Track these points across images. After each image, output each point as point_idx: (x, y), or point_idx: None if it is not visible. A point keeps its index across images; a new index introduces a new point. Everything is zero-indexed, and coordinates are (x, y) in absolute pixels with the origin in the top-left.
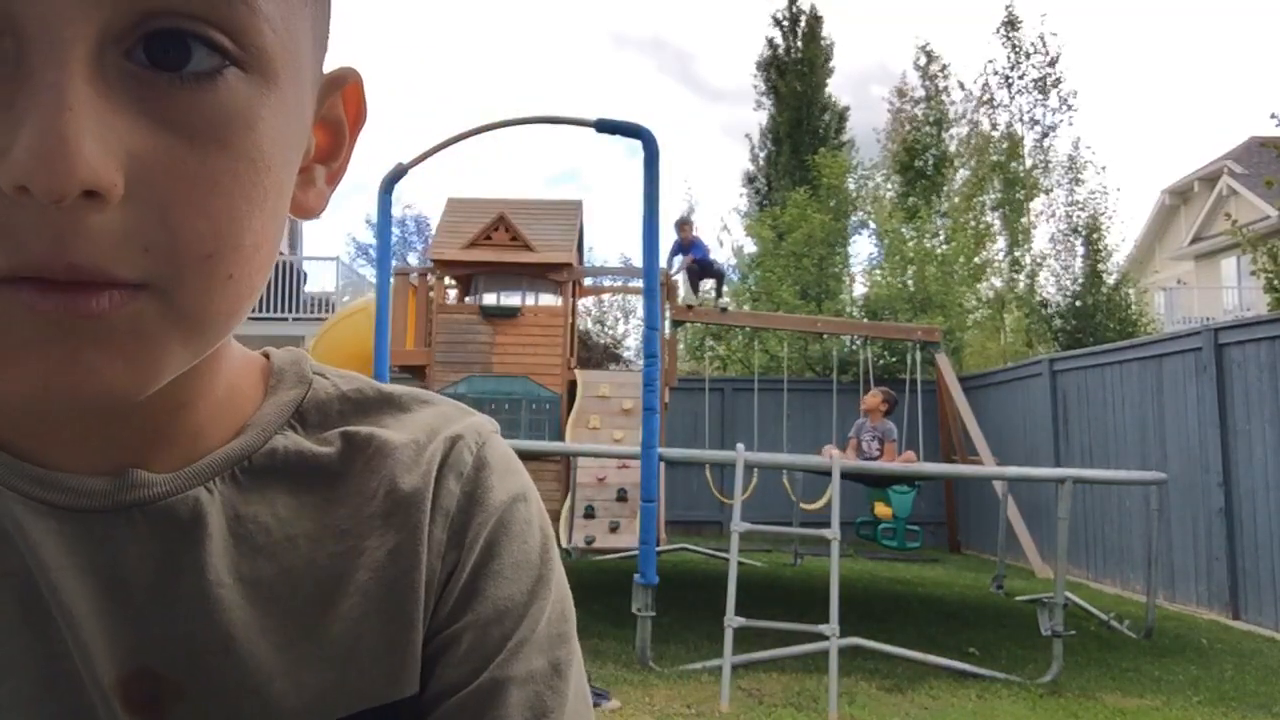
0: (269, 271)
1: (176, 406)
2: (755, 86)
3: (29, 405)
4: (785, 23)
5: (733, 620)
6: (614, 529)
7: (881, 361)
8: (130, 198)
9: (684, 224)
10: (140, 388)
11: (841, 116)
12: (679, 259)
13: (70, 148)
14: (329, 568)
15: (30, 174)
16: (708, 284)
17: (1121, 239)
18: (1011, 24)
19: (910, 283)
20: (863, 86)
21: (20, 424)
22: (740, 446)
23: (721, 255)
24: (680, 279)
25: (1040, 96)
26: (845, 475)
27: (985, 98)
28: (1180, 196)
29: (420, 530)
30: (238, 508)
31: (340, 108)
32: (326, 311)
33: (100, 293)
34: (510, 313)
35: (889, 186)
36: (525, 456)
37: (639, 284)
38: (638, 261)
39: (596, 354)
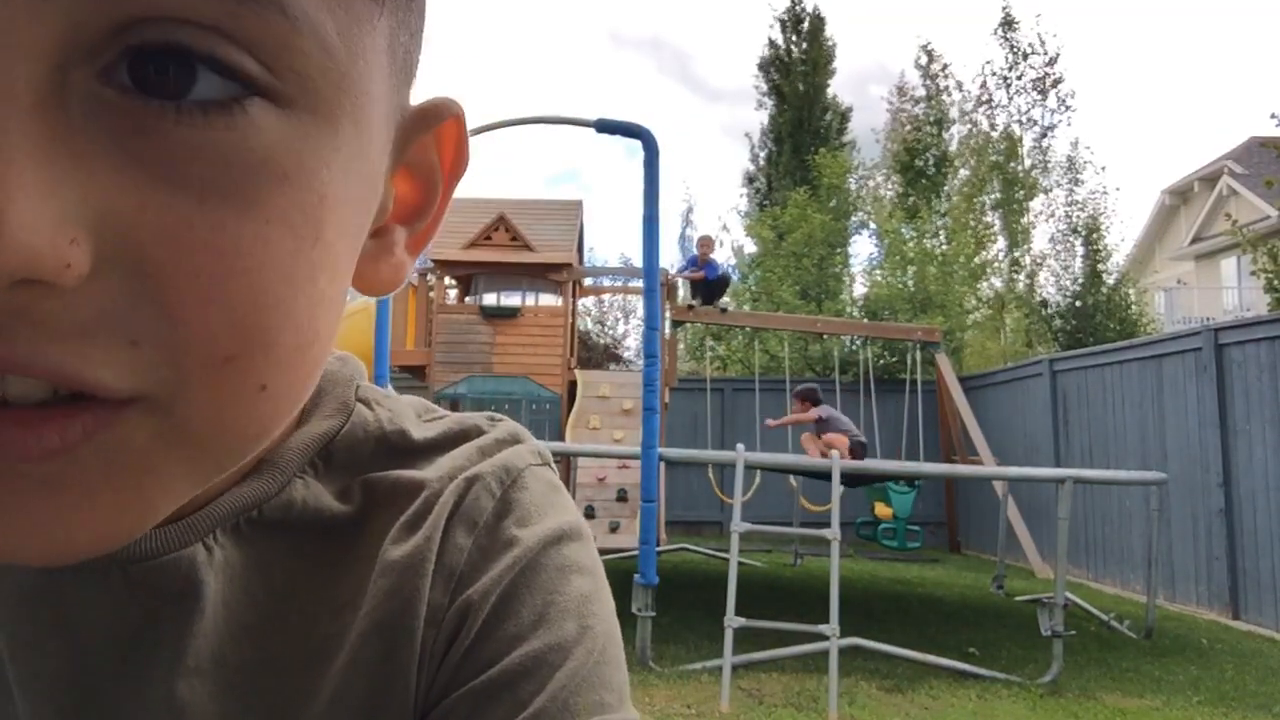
0: (319, 374)
1: None
2: (756, 86)
3: None
4: (787, 23)
5: (733, 620)
6: (614, 529)
7: (881, 361)
8: (105, 272)
9: (706, 242)
10: (117, 539)
11: (844, 117)
12: (688, 271)
13: None
14: (318, 650)
15: None
16: (723, 300)
17: (1121, 239)
18: (1009, 24)
19: (910, 283)
20: (861, 86)
21: None
22: (740, 447)
23: (721, 255)
24: (681, 280)
25: (1039, 97)
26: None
27: (984, 98)
28: (1180, 196)
29: (416, 598)
30: (236, 573)
31: (432, 151)
32: None
33: (50, 420)
34: (510, 313)
35: (889, 186)
36: None
37: (639, 284)
38: (638, 261)
39: (596, 354)
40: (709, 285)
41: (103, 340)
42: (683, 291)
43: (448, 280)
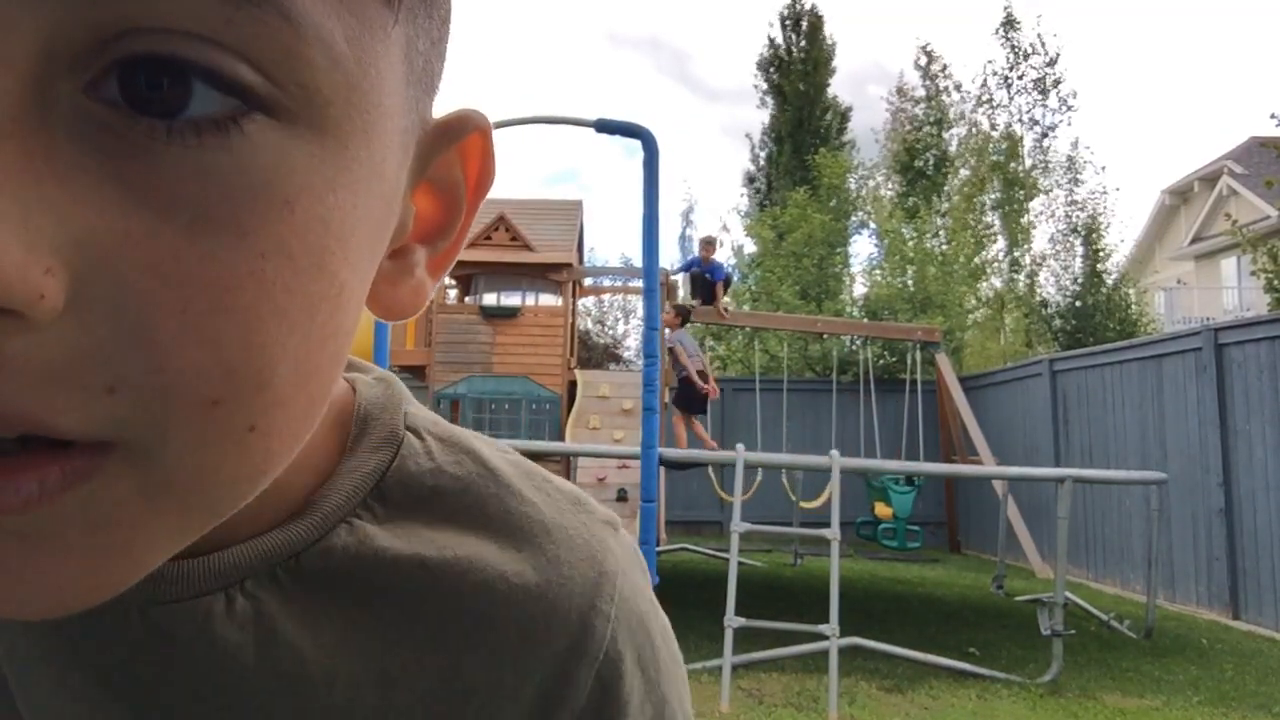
0: (319, 412)
1: None
2: (756, 86)
3: None
4: (787, 22)
5: (733, 620)
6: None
7: (881, 361)
8: (80, 308)
9: (709, 244)
10: (105, 592)
11: (844, 117)
12: (689, 271)
13: None
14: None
15: None
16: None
17: (1121, 239)
18: (1010, 24)
19: (910, 283)
20: (860, 86)
21: None
22: (740, 446)
23: (722, 255)
24: (680, 279)
25: (1039, 97)
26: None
27: (984, 98)
28: (1180, 196)
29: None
30: (272, 623)
31: (456, 167)
32: None
33: (25, 470)
34: (510, 313)
35: (889, 186)
36: (525, 456)
37: (639, 284)
38: (638, 261)
39: (596, 354)
40: (711, 285)
41: (76, 384)
42: (683, 291)
43: (448, 280)
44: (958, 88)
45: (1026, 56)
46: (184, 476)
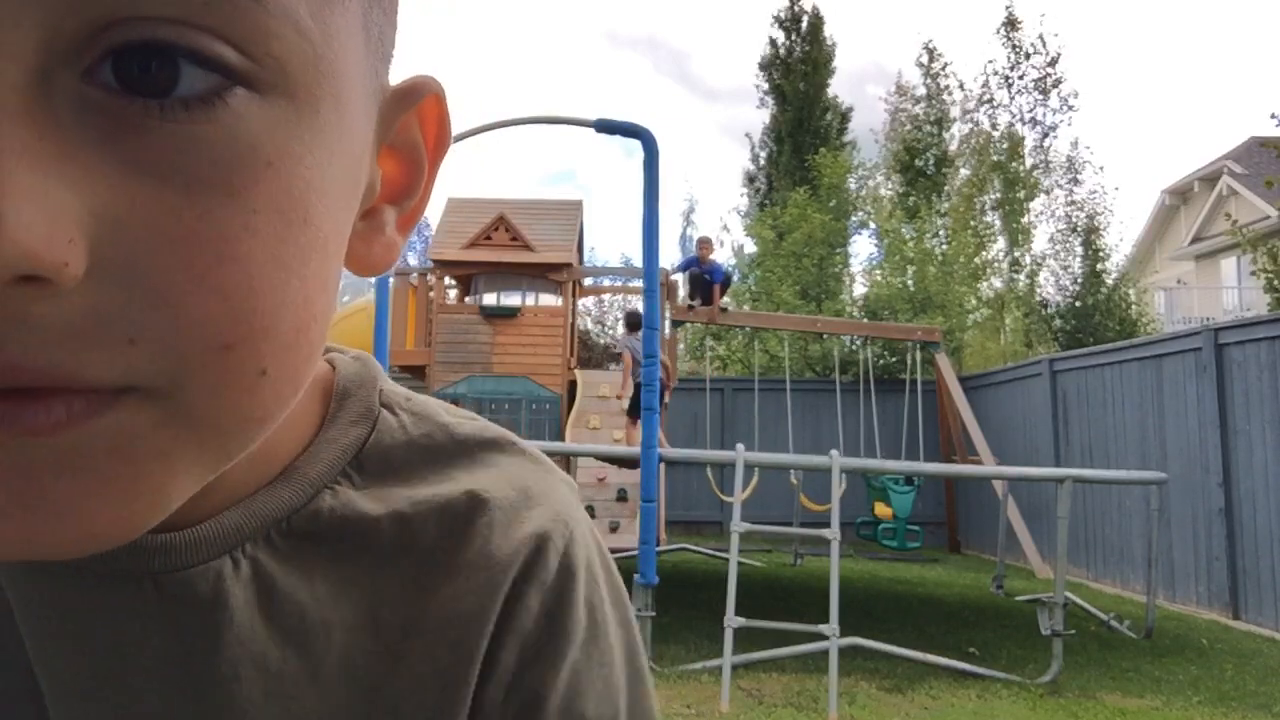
0: (319, 356)
1: None
2: (757, 86)
3: None
4: (788, 22)
5: (733, 620)
6: (614, 529)
7: (881, 361)
8: (99, 273)
9: (705, 243)
10: (134, 527)
11: (844, 117)
12: (688, 271)
13: None
14: (364, 669)
15: None
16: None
17: (1121, 239)
18: (1012, 24)
19: (910, 283)
20: (859, 86)
21: None
22: (740, 447)
23: (722, 255)
24: (680, 279)
25: (1040, 97)
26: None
27: (985, 97)
28: (1180, 196)
29: (475, 651)
30: (271, 581)
31: (415, 129)
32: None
33: (54, 396)
34: (510, 313)
35: (889, 185)
36: None
37: (639, 284)
38: (637, 261)
39: (596, 354)
40: (710, 285)
41: (99, 339)
42: (683, 291)
43: (448, 280)
44: (960, 86)
45: (1028, 56)
46: (201, 415)
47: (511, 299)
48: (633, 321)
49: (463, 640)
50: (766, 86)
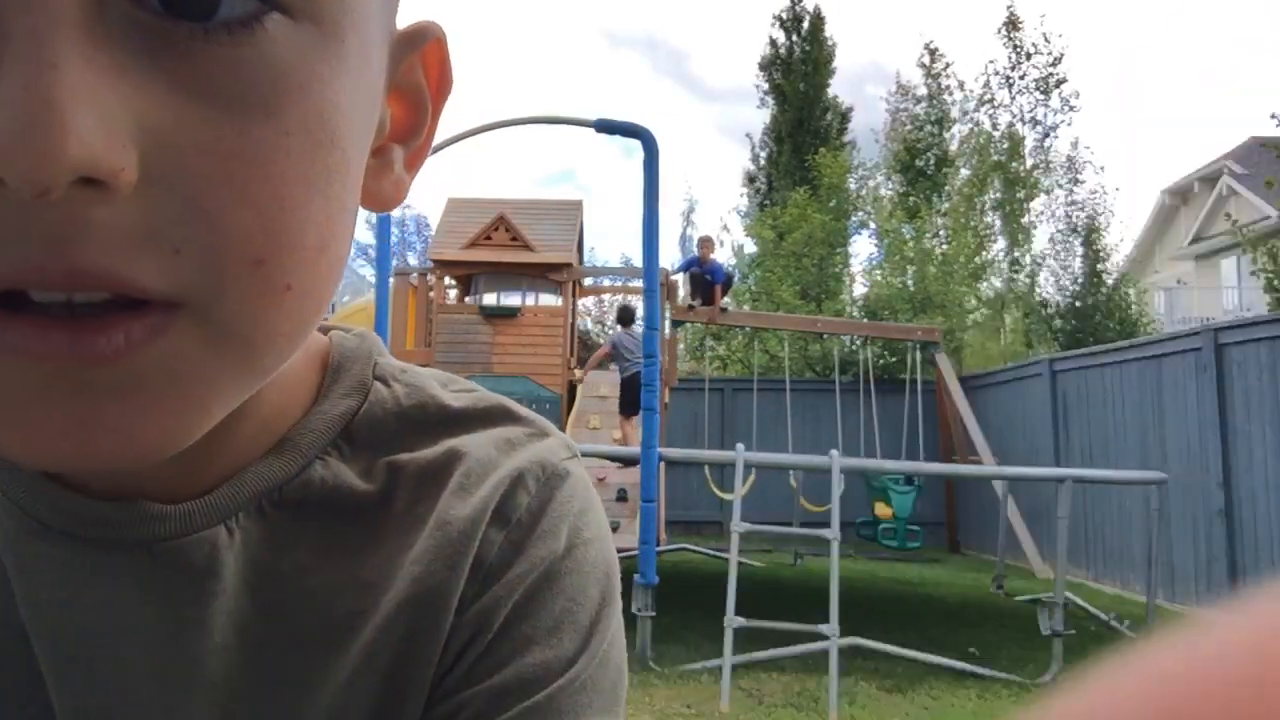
0: (340, 276)
1: (217, 428)
2: (758, 86)
3: (34, 467)
4: (789, 22)
5: (733, 620)
6: (614, 529)
7: (881, 361)
8: (149, 184)
9: (706, 243)
10: (180, 441)
11: (844, 117)
12: (689, 271)
13: (54, 118)
14: (342, 628)
15: (4, 158)
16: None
17: (1121, 239)
18: (1013, 24)
19: (910, 283)
20: (858, 86)
21: None
22: (740, 447)
23: (722, 255)
24: (681, 279)
25: (1041, 97)
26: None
27: (986, 97)
28: (1180, 196)
29: (448, 590)
30: (259, 552)
31: (419, 72)
32: (326, 312)
33: (115, 325)
34: (510, 313)
35: (889, 185)
36: None
37: (639, 284)
38: (637, 261)
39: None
40: (710, 285)
41: (152, 247)
42: (683, 291)
43: (448, 280)
44: (961, 86)
45: (1029, 56)
46: (238, 331)
47: (511, 299)
48: (624, 317)
49: (437, 589)
50: (766, 86)
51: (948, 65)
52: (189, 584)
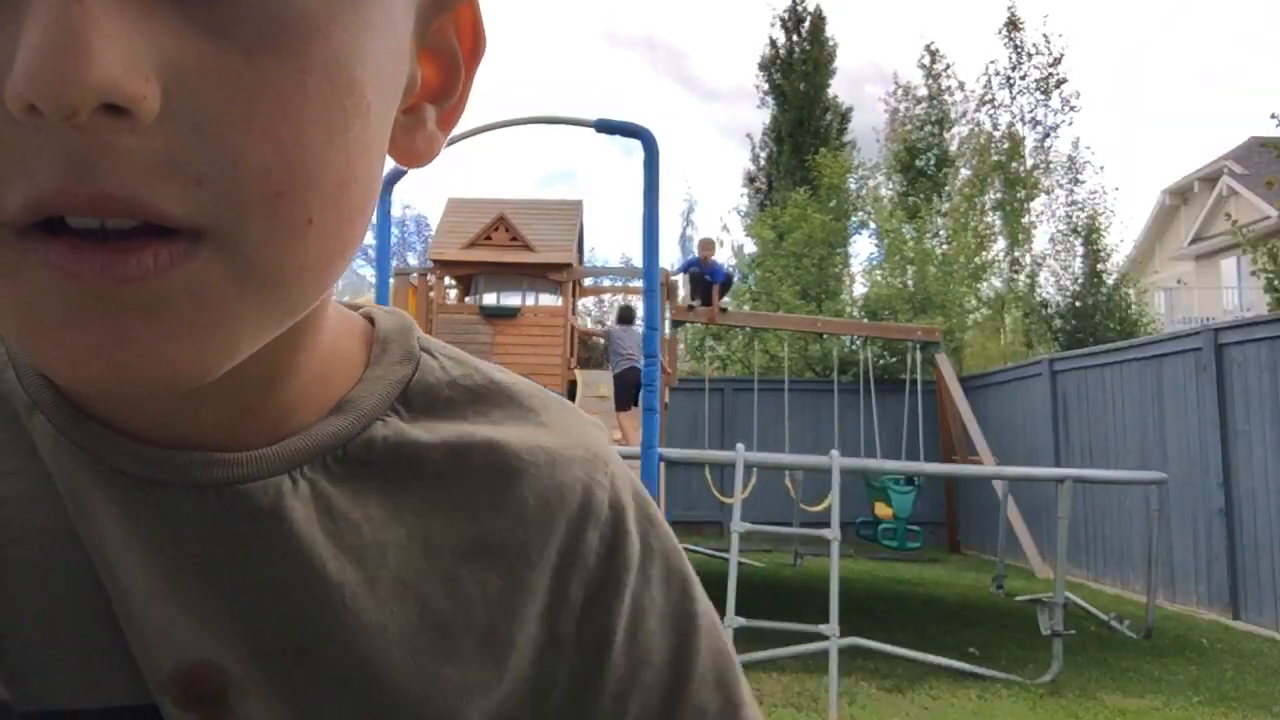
0: (366, 220)
1: (266, 381)
2: (758, 86)
3: (73, 388)
4: (789, 22)
5: (733, 620)
6: None
7: (881, 361)
8: (171, 117)
9: (707, 244)
10: (209, 368)
11: (844, 117)
12: (689, 272)
13: (79, 45)
14: (415, 587)
15: (33, 83)
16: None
17: (1121, 239)
18: (1013, 25)
19: (910, 283)
20: (858, 86)
21: None
22: (740, 447)
23: (722, 255)
24: (681, 279)
25: (1042, 97)
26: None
27: (986, 97)
28: (1180, 196)
29: (524, 586)
30: (328, 500)
31: (451, 34)
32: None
33: (143, 248)
34: (510, 313)
35: (889, 185)
36: None
37: (639, 284)
38: (637, 261)
39: (596, 354)
40: (710, 286)
41: (174, 176)
42: (683, 292)
43: (448, 280)
44: (961, 87)
45: (1030, 56)
46: (260, 262)
47: (511, 299)
48: (624, 316)
49: (512, 571)
50: (766, 86)
51: (948, 66)
52: (257, 526)
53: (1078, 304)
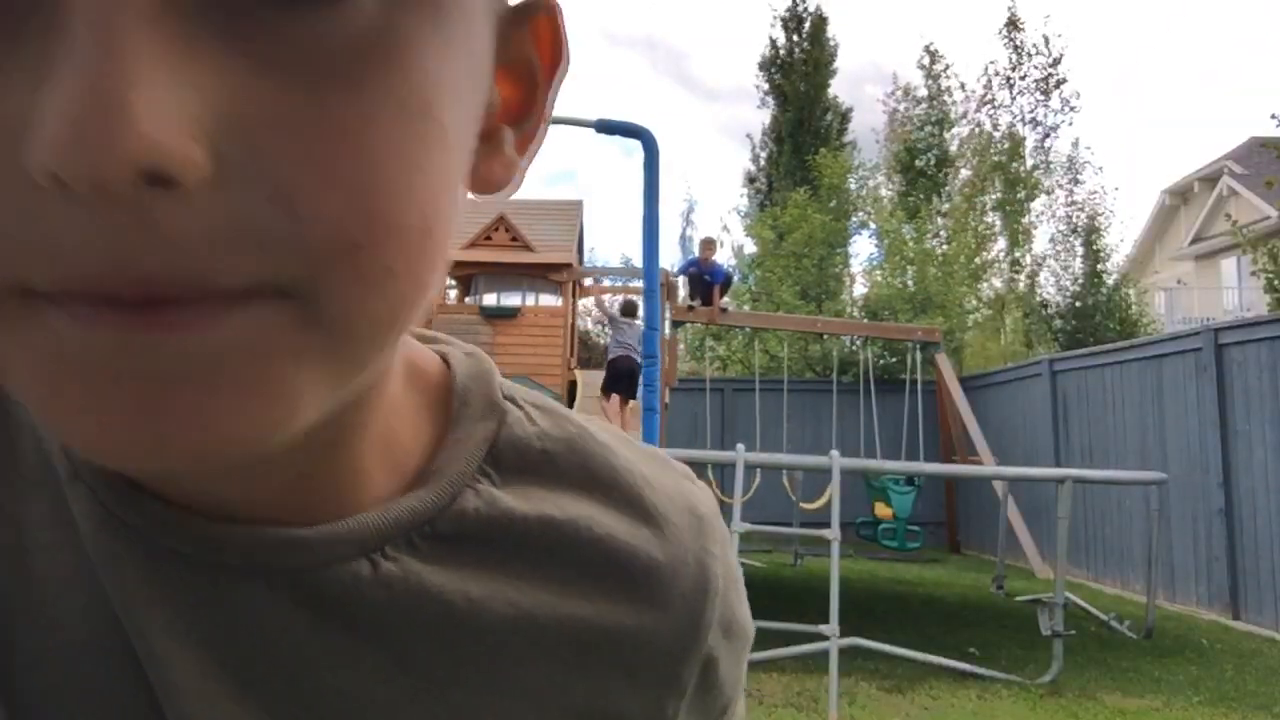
0: (446, 262)
1: (328, 444)
2: (757, 86)
3: (113, 465)
4: (790, 22)
5: None
6: None
7: (881, 361)
8: (225, 178)
9: (708, 244)
10: (270, 436)
11: (844, 117)
12: (688, 272)
13: (115, 108)
14: (509, 659)
15: (59, 152)
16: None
17: (1121, 239)
18: (1014, 25)
19: (910, 283)
20: (858, 86)
21: None
22: (740, 447)
23: (722, 255)
24: (681, 280)
25: (1042, 97)
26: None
27: (986, 98)
28: (1180, 196)
29: (674, 683)
30: (419, 582)
31: (530, 47)
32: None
33: (190, 304)
34: (510, 313)
35: (889, 185)
36: None
37: (639, 284)
38: (637, 261)
39: (596, 354)
40: (710, 286)
41: (232, 246)
42: (683, 292)
43: (448, 280)
44: (962, 87)
45: (1030, 57)
46: (333, 314)
47: (511, 299)
48: (627, 308)
49: (656, 667)
50: (766, 87)
51: (947, 66)
52: (333, 614)
53: (1078, 304)
